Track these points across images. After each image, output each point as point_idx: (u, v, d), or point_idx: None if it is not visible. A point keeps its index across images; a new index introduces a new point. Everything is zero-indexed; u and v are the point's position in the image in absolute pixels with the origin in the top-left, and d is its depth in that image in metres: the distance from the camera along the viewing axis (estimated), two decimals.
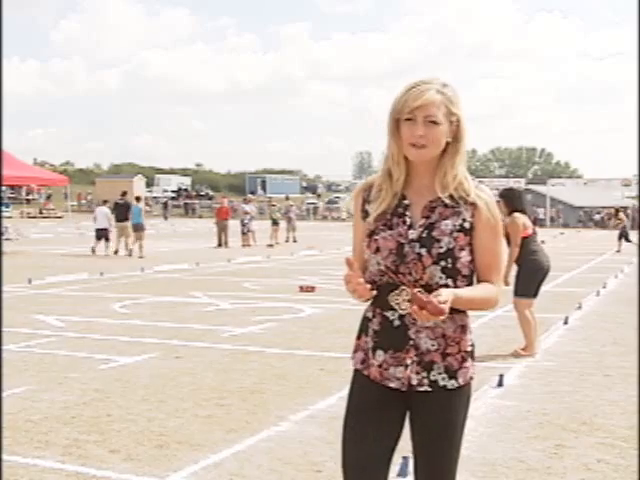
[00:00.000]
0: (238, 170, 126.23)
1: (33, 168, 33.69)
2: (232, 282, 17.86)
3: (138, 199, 28.43)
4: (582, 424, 6.58)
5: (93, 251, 26.61)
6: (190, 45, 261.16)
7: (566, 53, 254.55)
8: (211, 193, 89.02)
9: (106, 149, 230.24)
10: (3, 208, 51.20)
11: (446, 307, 2.69)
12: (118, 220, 27.14)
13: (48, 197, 71.10)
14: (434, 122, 2.90)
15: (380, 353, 2.97)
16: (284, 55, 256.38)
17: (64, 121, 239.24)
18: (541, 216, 64.72)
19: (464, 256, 2.93)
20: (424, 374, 2.94)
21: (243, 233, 32.42)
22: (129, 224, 26.94)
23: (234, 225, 32.94)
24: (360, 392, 3.05)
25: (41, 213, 65.67)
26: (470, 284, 2.97)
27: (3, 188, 56.52)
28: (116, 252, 26.78)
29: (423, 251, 2.89)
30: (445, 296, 2.72)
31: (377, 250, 2.95)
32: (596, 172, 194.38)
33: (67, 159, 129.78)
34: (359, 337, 3.09)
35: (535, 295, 9.66)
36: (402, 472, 5.16)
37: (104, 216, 27.15)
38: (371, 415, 2.99)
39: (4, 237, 30.20)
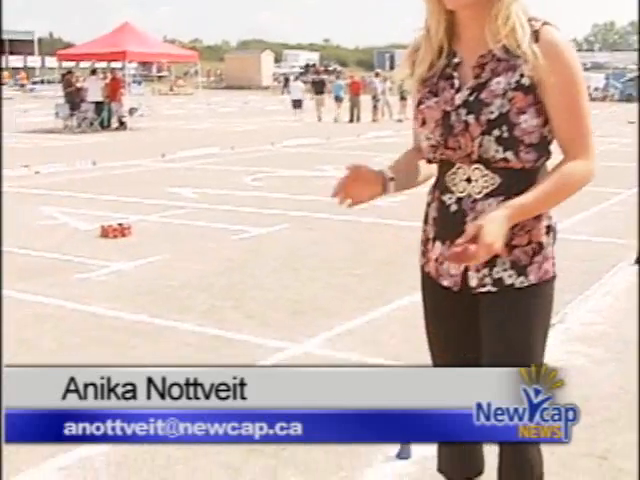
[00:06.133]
0: (366, 45, 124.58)
1: (163, 44, 33.93)
2: (362, 156, 17.77)
3: (338, 76, 32.86)
4: None
5: (294, 115, 31.90)
6: None
7: None
8: (339, 69, 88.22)
9: (233, 26, 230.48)
10: (135, 85, 52.15)
11: (487, 250, 2.18)
12: (316, 93, 33.23)
13: (185, 74, 71.94)
14: None
15: (438, 245, 2.52)
16: None
17: None
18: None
19: (525, 121, 2.34)
20: (485, 271, 2.43)
21: (374, 108, 32.20)
22: (325, 97, 33.28)
23: (365, 100, 32.69)
24: (426, 292, 2.65)
25: (172, 90, 66.48)
26: (542, 155, 2.41)
27: (135, 65, 57.38)
28: (319, 119, 31.55)
29: (470, 118, 2.37)
30: (492, 234, 2.18)
31: (423, 123, 2.48)
32: None
33: (195, 36, 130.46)
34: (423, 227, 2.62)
35: None
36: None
37: (298, 89, 33.44)
38: (445, 315, 2.62)
39: (137, 114, 30.76)
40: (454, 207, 2.45)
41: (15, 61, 71.75)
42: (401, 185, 2.49)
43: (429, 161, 2.53)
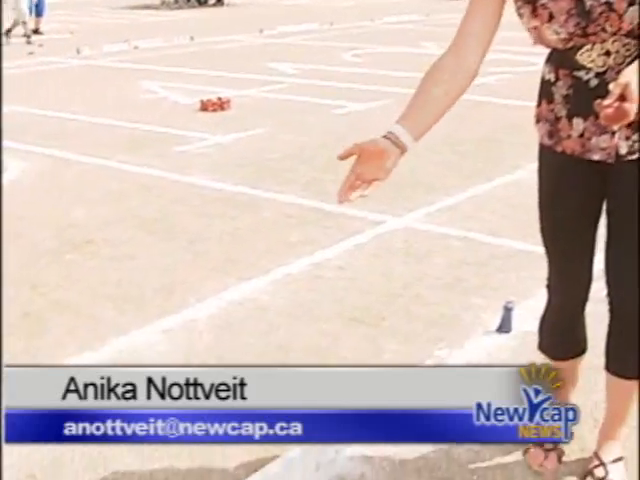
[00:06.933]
0: None
1: None
2: None
3: None
4: None
5: None
6: None
7: None
8: None
9: None
10: None
11: (638, 105, 2.07)
12: None
13: None
14: None
15: (579, 121, 2.43)
16: None
17: None
18: None
19: None
20: (636, 137, 2.39)
21: None
22: None
23: None
24: (553, 170, 2.58)
25: None
26: None
27: None
28: None
29: None
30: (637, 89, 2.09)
31: (550, 17, 2.31)
32: None
33: None
34: (539, 104, 2.53)
35: None
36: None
37: None
38: (569, 196, 2.56)
39: None
40: (594, 82, 2.36)
41: None
42: (423, 130, 2.29)
43: (554, 49, 2.41)
